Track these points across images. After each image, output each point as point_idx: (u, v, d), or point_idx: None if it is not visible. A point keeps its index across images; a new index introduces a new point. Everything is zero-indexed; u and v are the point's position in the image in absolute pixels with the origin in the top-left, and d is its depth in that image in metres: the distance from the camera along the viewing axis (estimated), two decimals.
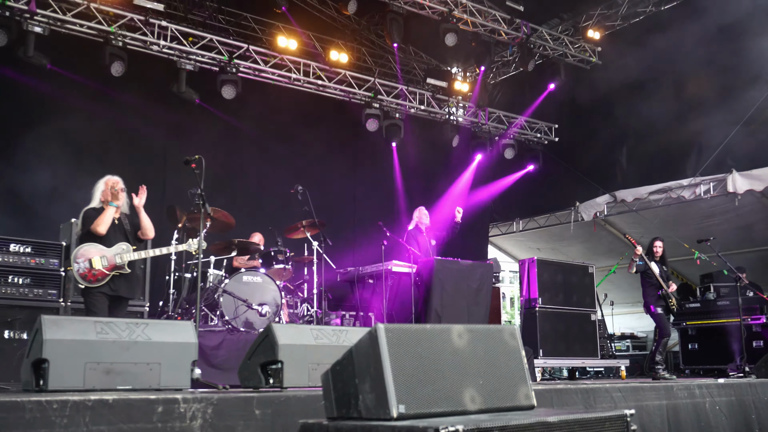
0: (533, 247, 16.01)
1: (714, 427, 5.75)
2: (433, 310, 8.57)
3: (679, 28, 12.07)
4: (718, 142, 11.83)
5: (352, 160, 13.25)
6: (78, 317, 5.19)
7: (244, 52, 11.52)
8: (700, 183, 12.13)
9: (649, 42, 12.62)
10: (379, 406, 2.97)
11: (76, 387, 4.17)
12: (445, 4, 11.84)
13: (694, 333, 10.94)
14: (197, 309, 5.87)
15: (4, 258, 6.61)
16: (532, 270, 9.21)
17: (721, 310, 10.68)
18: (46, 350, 4.16)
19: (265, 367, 4.82)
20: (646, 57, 12.72)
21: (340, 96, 12.77)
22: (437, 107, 13.99)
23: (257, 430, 3.84)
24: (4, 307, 6.47)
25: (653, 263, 8.77)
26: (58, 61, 9.84)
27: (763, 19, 10.62)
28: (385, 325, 3.04)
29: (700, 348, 10.81)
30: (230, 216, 8.07)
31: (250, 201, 10.93)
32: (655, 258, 8.89)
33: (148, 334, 4.57)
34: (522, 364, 3.45)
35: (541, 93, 13.88)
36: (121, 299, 5.98)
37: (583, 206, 13.99)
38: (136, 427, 3.50)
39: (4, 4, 9.45)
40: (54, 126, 9.50)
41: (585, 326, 9.48)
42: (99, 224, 5.87)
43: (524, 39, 12.69)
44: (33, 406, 3.28)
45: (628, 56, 12.87)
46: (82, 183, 6.30)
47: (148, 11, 10.63)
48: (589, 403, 5.22)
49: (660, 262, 8.93)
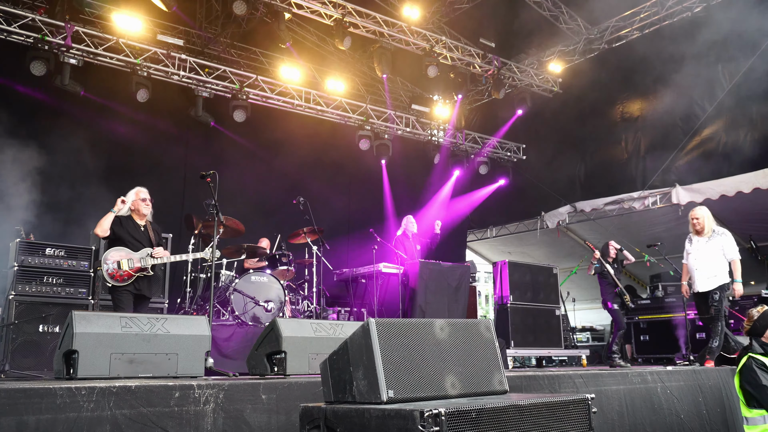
0: (505, 250, 16.02)
1: (666, 408, 5.72)
2: (418, 306, 8.54)
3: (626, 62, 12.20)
4: (663, 160, 11.90)
5: (346, 174, 13.22)
6: (105, 313, 5.12)
7: (253, 81, 11.49)
8: (648, 195, 12.18)
9: (602, 73, 12.73)
10: (371, 391, 2.93)
11: (103, 375, 4.11)
12: (427, 41, 11.85)
13: (645, 326, 10.92)
14: (210, 305, 5.82)
15: (40, 260, 6.54)
16: (504, 271, 9.18)
17: (668, 306, 10.68)
18: (76, 342, 4.09)
19: (271, 357, 4.77)
20: (599, 86, 12.82)
21: (336, 119, 12.76)
22: (421, 129, 14.00)
23: (263, 413, 3.79)
24: (39, 304, 6.39)
25: (608, 264, 8.71)
26: (90, 88, 9.81)
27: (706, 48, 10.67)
28: (376, 320, 3.00)
29: (650, 339, 10.80)
30: (240, 224, 8.01)
31: (258, 210, 10.88)
32: (608, 259, 8.82)
33: (167, 328, 4.51)
34: (496, 354, 3.41)
35: (511, 117, 13.96)
36: (143, 297, 5.91)
37: (548, 215, 14.01)
38: (155, 410, 3.44)
39: (44, 39, 9.39)
40: (86, 145, 9.43)
41: (550, 320, 9.45)
42: (98, 225, 5.79)
43: (495, 71, 12.72)
44: (64, 392, 3.22)
45: (585, 86, 12.96)
46: (111, 194, 6.23)
47: (169, 46, 10.60)
48: (555, 388, 5.19)
49: (614, 262, 8.89)
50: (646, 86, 12.21)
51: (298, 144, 12.03)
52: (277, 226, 9.49)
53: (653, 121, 12.08)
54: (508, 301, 9.01)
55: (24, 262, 6.43)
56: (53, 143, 9.30)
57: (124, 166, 9.95)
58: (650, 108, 12.12)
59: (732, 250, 7.30)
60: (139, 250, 5.86)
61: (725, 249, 7.31)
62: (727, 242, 7.35)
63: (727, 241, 7.36)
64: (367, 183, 13.43)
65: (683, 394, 5.94)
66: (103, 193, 8.38)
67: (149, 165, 10.22)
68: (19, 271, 6.38)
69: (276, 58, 12.51)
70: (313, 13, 10.74)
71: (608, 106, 12.93)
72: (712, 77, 11.00)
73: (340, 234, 12.11)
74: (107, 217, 5.81)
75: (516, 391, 4.74)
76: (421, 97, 14.66)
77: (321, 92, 12.42)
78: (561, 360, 11.81)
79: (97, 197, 8.67)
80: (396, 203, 13.51)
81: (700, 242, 7.50)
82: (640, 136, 12.43)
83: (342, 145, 12.85)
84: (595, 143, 13.20)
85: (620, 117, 12.75)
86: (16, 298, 6.29)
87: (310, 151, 12.13)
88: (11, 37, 9.44)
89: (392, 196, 13.65)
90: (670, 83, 11.28)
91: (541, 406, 2.94)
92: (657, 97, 11.91)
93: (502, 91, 12.73)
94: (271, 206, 11.01)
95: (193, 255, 6.33)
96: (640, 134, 12.43)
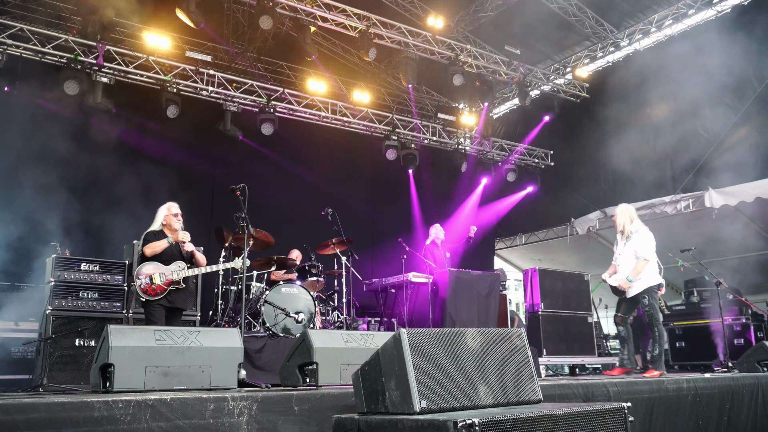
0: (534, 258, 15.87)
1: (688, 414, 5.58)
2: (448, 315, 8.48)
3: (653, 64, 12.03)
4: (696, 163, 11.70)
5: (374, 185, 13.24)
6: (139, 326, 5.18)
7: (280, 94, 11.61)
8: (680, 199, 11.97)
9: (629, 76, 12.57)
10: (403, 402, 2.91)
11: (138, 388, 4.15)
12: (452, 49, 11.86)
13: (681, 332, 10.71)
14: (242, 317, 5.85)
15: (76, 275, 6.65)
16: (535, 278, 9.10)
17: (704, 312, 10.46)
18: (112, 356, 4.15)
19: (302, 368, 4.78)
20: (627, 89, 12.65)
21: (362, 130, 12.81)
22: (447, 138, 13.97)
23: (296, 425, 3.79)
24: (75, 318, 6.49)
25: None
26: (121, 105, 9.99)
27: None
28: (407, 330, 2.99)
29: (686, 346, 10.58)
30: (270, 236, 8.06)
31: (287, 222, 10.92)
32: None
33: (200, 341, 4.55)
34: (529, 363, 3.37)
35: (538, 124, 13.88)
36: (176, 310, 5.97)
37: (578, 222, 13.86)
38: (190, 423, 3.47)
39: (76, 59, 9.61)
40: (118, 161, 9.62)
41: (583, 327, 9.33)
42: (149, 248, 5.87)
43: (521, 78, 12.66)
44: (101, 405, 3.26)
45: (613, 89, 12.81)
46: (143, 209, 6.34)
47: (198, 62, 10.77)
48: (589, 397, 5.10)
49: None
50: (675, 88, 12.01)
51: (325, 155, 12.10)
52: (305, 238, 9.54)
53: (683, 124, 11.86)
54: (539, 308, 8.93)
55: (60, 277, 6.54)
56: (86, 160, 9.48)
57: (154, 181, 10.10)
58: (680, 110, 11.92)
59: (642, 249, 6.64)
60: (171, 264, 5.93)
61: (636, 248, 6.68)
62: (639, 241, 6.69)
63: (639, 239, 6.70)
64: (394, 193, 13.44)
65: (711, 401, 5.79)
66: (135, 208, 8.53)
67: (179, 179, 10.36)
68: (55, 286, 6.50)
69: (302, 71, 12.63)
70: (338, 25, 10.83)
71: (636, 109, 12.74)
72: (742, 78, 10.80)
73: (367, 244, 12.12)
74: (162, 244, 5.89)
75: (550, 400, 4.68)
76: (447, 105, 14.66)
77: (347, 103, 12.49)
78: (594, 368, 11.64)
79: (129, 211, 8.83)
80: (424, 212, 13.48)
81: (620, 243, 6.94)
82: (670, 139, 12.22)
83: (369, 156, 12.89)
84: (625, 147, 13.00)
85: (649, 120, 12.55)
86: (53, 312, 6.40)
87: (338, 162, 12.20)
88: (46, 58, 9.68)
89: (420, 205, 13.63)
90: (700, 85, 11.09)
91: (577, 415, 2.90)
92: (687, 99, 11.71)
93: (528, 98, 12.67)
94: (299, 218, 11.06)
95: (224, 265, 6.37)
96: (670, 137, 12.22)
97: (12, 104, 9.38)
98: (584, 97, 13.42)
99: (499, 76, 12.72)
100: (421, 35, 11.56)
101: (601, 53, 12.89)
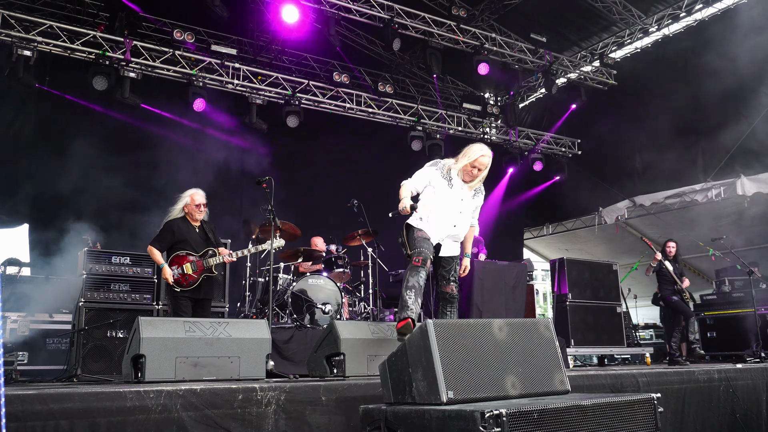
0: (562, 248, 15.73)
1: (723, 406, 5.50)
2: (475, 305, 8.45)
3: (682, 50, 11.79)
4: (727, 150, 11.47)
5: (399, 176, 13.16)
6: (169, 318, 5.26)
7: (305, 86, 11.64)
8: (711, 187, 11.76)
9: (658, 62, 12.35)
10: (430, 392, 2.92)
11: (169, 378, 4.22)
12: (477, 38, 11.76)
13: (712, 322, 10.54)
14: (270, 308, 5.91)
15: (107, 268, 6.74)
16: (562, 268, 9.02)
17: (736, 302, 10.28)
18: (143, 347, 4.22)
19: (330, 359, 4.81)
20: (655, 76, 12.44)
21: (388, 121, 12.79)
22: (473, 128, 13.89)
23: (323, 415, 3.83)
24: (107, 310, 6.59)
25: (667, 262, 8.50)
26: (148, 100, 10.10)
27: None
28: (434, 321, 3.00)
29: (717, 336, 10.42)
30: (296, 228, 8.10)
31: (313, 214, 10.97)
32: (668, 257, 8.62)
33: (229, 332, 4.61)
34: (556, 353, 3.36)
35: (565, 112, 13.70)
36: (205, 300, 5.99)
37: (606, 211, 13.71)
38: (220, 412, 3.52)
39: (104, 55, 9.75)
40: (146, 154, 9.70)
41: (611, 318, 9.23)
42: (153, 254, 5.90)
43: (547, 66, 12.51)
44: (133, 395, 3.33)
45: (640, 76, 12.61)
46: (171, 201, 6.37)
47: (223, 55, 10.83)
48: (617, 388, 5.06)
49: (673, 260, 8.66)
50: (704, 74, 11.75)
51: (350, 147, 12.11)
52: (332, 229, 9.56)
53: (713, 110, 11.59)
54: (567, 299, 8.86)
55: (92, 270, 6.65)
56: (116, 154, 9.62)
57: (182, 173, 10.20)
58: (710, 96, 11.66)
59: None
60: (200, 251, 5.94)
61: None
62: None
63: None
64: None
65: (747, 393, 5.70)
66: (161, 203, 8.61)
67: (206, 171, 10.45)
68: (87, 278, 6.61)
69: (327, 63, 12.64)
70: (362, 16, 10.81)
71: (665, 96, 12.48)
72: None
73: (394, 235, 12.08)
74: (159, 262, 5.89)
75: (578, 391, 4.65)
76: (473, 95, 14.54)
77: (372, 94, 12.47)
78: (623, 358, 11.53)
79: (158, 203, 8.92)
80: None
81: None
82: (700, 126, 11.98)
83: (394, 147, 12.86)
84: (653, 135, 12.77)
85: (678, 106, 12.30)
86: (85, 304, 6.51)
87: (363, 153, 12.20)
88: (75, 54, 9.83)
89: None
90: (730, 70, 10.84)
91: (605, 406, 2.88)
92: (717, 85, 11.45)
93: (554, 86, 12.52)
94: (325, 209, 11.10)
95: (256, 248, 6.35)
96: (700, 124, 11.98)
97: (43, 100, 9.57)
98: (612, 84, 13.22)
99: (525, 65, 12.59)
100: (446, 24, 11.49)
101: (629, 39, 12.67)
